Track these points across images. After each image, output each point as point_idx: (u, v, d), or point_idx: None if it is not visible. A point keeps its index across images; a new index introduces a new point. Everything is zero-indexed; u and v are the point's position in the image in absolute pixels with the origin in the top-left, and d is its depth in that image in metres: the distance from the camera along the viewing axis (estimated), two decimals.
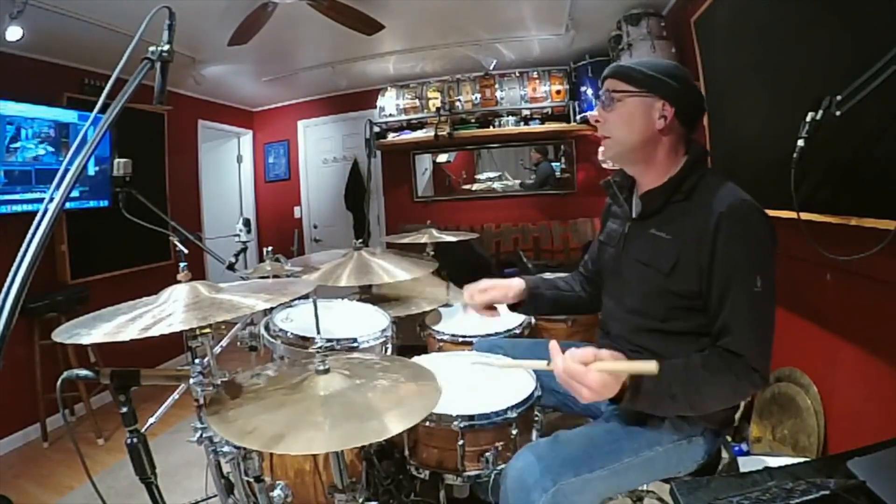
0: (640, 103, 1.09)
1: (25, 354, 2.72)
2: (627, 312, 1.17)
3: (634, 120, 1.09)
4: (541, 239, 4.17)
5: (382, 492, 1.43)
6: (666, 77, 1.08)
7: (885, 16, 1.15)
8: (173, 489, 2.09)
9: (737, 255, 0.98)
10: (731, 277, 0.98)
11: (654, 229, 1.11)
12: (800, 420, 1.80)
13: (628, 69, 1.11)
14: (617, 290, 1.22)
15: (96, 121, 0.80)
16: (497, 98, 3.99)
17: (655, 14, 2.94)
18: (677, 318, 1.07)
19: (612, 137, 1.14)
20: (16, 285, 0.65)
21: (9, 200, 2.66)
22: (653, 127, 1.09)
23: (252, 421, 0.92)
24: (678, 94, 1.08)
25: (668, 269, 1.05)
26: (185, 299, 0.99)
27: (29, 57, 2.87)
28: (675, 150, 1.11)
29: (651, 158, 1.12)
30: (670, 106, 1.07)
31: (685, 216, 1.06)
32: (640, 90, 1.09)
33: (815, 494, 0.71)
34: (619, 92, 1.11)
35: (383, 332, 1.68)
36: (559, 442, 1.07)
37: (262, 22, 2.69)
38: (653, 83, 1.08)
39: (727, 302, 0.98)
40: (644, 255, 1.12)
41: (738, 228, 0.98)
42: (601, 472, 1.01)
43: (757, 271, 0.97)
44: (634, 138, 1.10)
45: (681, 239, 1.05)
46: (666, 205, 1.10)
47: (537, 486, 0.97)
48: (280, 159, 5.12)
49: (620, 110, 1.11)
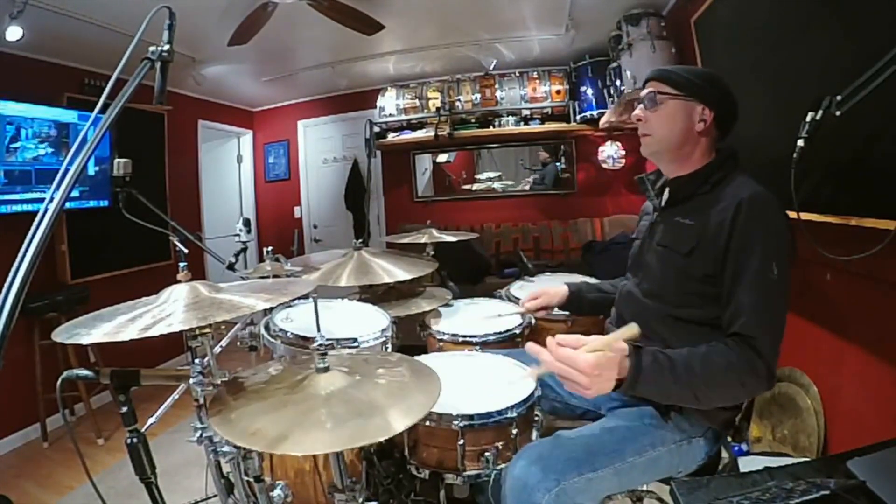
0: (682, 106, 1.14)
1: (25, 354, 2.72)
2: (644, 296, 1.20)
3: (676, 121, 1.15)
4: (541, 239, 4.16)
5: (382, 491, 1.43)
6: (708, 83, 1.14)
7: (885, 16, 1.15)
8: (173, 489, 2.09)
9: (754, 239, 1.00)
10: (746, 261, 1.00)
11: (678, 217, 1.16)
12: (800, 420, 1.80)
13: (672, 73, 1.17)
14: (636, 274, 1.26)
15: (96, 121, 0.80)
16: (497, 98, 3.99)
17: (655, 14, 2.93)
18: (692, 305, 1.09)
19: (652, 135, 1.19)
20: (16, 285, 0.65)
21: (9, 200, 2.66)
22: (692, 129, 1.14)
23: (255, 422, 0.92)
24: (717, 100, 1.14)
25: (688, 250, 1.09)
26: (185, 299, 0.99)
27: (29, 57, 2.87)
28: (709, 152, 1.18)
29: (686, 157, 1.18)
30: (710, 111, 1.13)
31: (709, 206, 1.09)
32: (684, 94, 1.14)
33: (815, 494, 0.71)
34: (663, 94, 1.16)
35: (383, 331, 1.68)
36: (561, 441, 1.07)
37: (262, 22, 2.69)
38: (696, 88, 1.13)
39: (740, 285, 0.99)
40: (666, 239, 1.17)
41: (757, 213, 1.01)
42: (604, 472, 1.02)
43: (773, 259, 0.99)
44: (674, 138, 1.16)
45: (703, 225, 1.08)
46: (693, 195, 1.15)
47: (540, 486, 0.97)
48: (280, 159, 5.12)
49: (663, 111, 1.16)
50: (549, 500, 0.96)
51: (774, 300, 0.99)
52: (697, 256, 1.07)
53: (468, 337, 1.78)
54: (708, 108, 1.13)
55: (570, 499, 0.97)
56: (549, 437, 1.10)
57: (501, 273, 3.81)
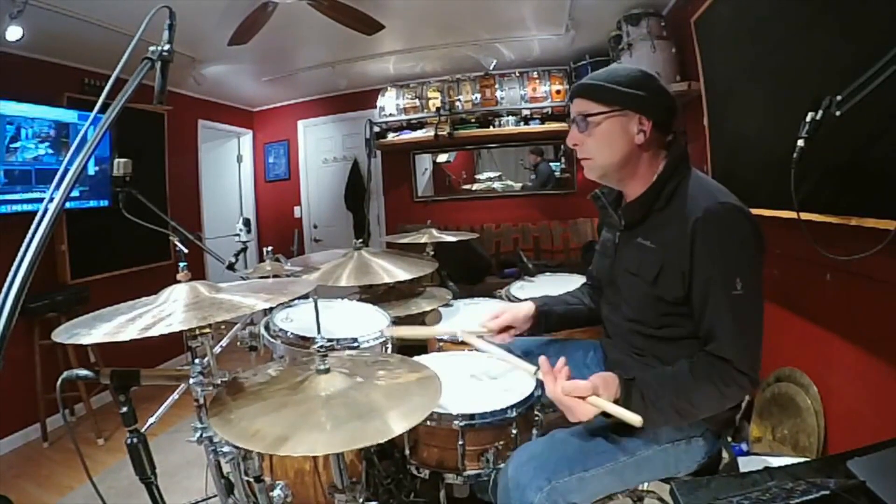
0: (616, 122, 1.07)
1: (25, 354, 2.72)
2: (624, 320, 1.17)
3: (614, 140, 1.08)
4: (541, 239, 4.16)
5: (382, 491, 1.43)
6: (637, 89, 1.05)
7: (885, 16, 1.15)
8: (173, 489, 2.09)
9: (713, 260, 0.98)
10: (709, 282, 0.98)
11: (640, 238, 1.11)
12: (800, 420, 1.80)
13: (597, 87, 1.08)
14: (613, 298, 1.23)
15: (96, 121, 0.80)
16: (497, 98, 3.99)
17: (655, 14, 2.94)
18: (671, 325, 1.08)
19: (593, 159, 1.12)
20: (16, 285, 0.65)
21: (9, 200, 2.66)
22: (633, 143, 1.08)
23: (255, 423, 0.92)
24: (652, 104, 1.06)
25: (653, 277, 1.05)
26: (184, 299, 0.99)
27: (29, 57, 2.87)
28: (655, 157, 1.11)
29: (634, 171, 1.12)
30: (647, 120, 1.06)
31: (666, 225, 1.06)
32: (615, 109, 1.06)
33: (815, 494, 0.71)
34: (592, 115, 1.09)
35: (383, 332, 1.68)
36: (555, 441, 1.07)
37: (262, 22, 2.69)
38: (626, 99, 1.05)
39: (708, 307, 0.98)
40: (632, 264, 1.12)
41: (713, 232, 0.98)
42: (597, 471, 1.02)
43: (736, 273, 0.96)
44: (616, 157, 1.09)
45: (663, 247, 1.05)
46: (648, 214, 1.10)
47: (532, 485, 0.97)
48: (280, 159, 5.12)
49: (597, 133, 1.09)
50: (541, 499, 0.96)
51: (745, 315, 0.97)
52: (664, 281, 1.04)
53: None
54: (645, 116, 1.05)
55: (563, 497, 0.98)
56: (544, 437, 1.11)
57: (501, 273, 3.81)
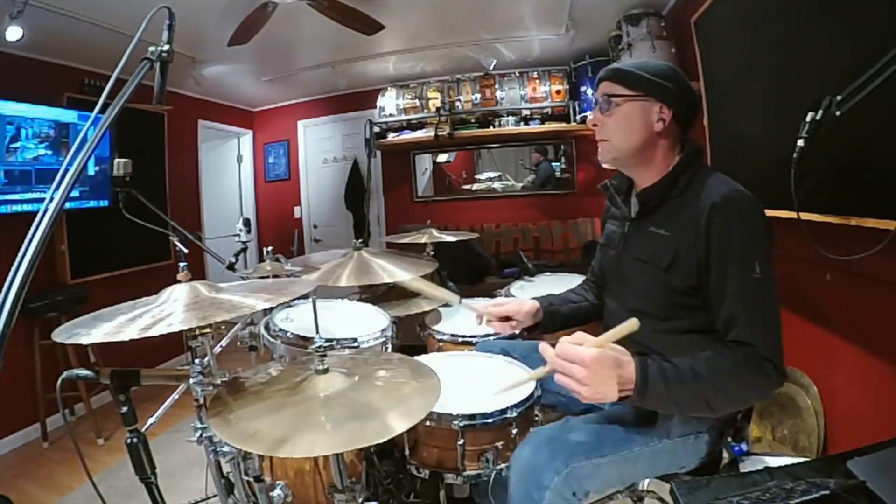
0: (638, 107, 1.09)
1: (25, 354, 2.72)
2: (630, 312, 1.15)
3: (633, 124, 1.10)
4: (541, 239, 4.16)
5: (382, 491, 1.43)
6: (663, 80, 1.08)
7: (885, 16, 1.15)
8: (173, 489, 2.09)
9: (732, 243, 0.97)
10: (728, 267, 0.97)
11: (652, 227, 1.11)
12: (800, 420, 1.80)
13: (625, 72, 1.10)
14: (619, 290, 1.22)
15: (96, 121, 0.80)
16: (497, 98, 3.99)
17: (655, 14, 2.94)
18: (679, 317, 1.07)
19: (610, 141, 1.14)
20: (16, 285, 0.65)
21: (9, 200, 2.66)
22: (651, 130, 1.09)
23: (254, 424, 0.92)
24: (675, 96, 1.09)
25: (667, 264, 1.05)
26: (185, 299, 0.99)
27: (29, 57, 2.87)
28: (671, 150, 1.12)
29: (649, 160, 1.13)
30: (668, 109, 1.08)
31: (681, 212, 1.06)
32: (639, 94, 1.09)
33: (815, 494, 0.71)
34: (617, 96, 1.11)
35: (383, 332, 1.68)
36: (570, 426, 1.08)
37: (262, 22, 2.69)
38: (651, 86, 1.08)
39: (727, 292, 0.97)
40: (643, 252, 1.12)
41: (731, 217, 0.98)
42: (612, 458, 1.03)
43: (754, 257, 0.95)
44: (633, 142, 1.11)
45: (678, 234, 1.04)
46: (663, 202, 1.11)
47: (549, 467, 0.98)
48: (280, 159, 5.12)
49: (618, 114, 1.11)
50: (558, 482, 0.97)
51: (766, 300, 0.97)
52: (677, 268, 1.03)
53: (468, 337, 1.78)
54: (666, 105, 1.08)
55: (578, 482, 0.98)
56: (559, 422, 1.11)
57: (501, 273, 3.80)
